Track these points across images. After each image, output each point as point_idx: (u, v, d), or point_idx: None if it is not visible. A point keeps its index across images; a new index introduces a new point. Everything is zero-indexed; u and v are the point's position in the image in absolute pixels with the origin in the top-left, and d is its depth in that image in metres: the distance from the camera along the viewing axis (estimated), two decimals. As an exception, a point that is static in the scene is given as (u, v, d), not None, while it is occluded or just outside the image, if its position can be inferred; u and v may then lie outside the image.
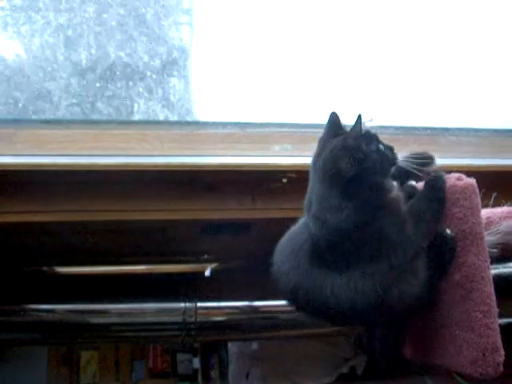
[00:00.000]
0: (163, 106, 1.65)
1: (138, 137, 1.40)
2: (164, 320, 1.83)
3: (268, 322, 1.91)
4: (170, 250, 2.08)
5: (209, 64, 1.76)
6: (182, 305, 1.79)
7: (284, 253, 1.06)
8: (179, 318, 1.77)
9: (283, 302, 1.13)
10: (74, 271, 2.04)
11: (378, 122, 1.36)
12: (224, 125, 1.40)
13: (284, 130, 1.41)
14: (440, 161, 1.11)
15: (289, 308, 1.14)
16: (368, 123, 1.39)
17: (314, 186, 1.02)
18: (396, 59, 1.76)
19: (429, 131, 1.50)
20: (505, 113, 1.74)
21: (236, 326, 1.91)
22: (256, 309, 1.91)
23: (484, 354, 0.97)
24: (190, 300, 1.79)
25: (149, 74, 1.67)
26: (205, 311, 1.82)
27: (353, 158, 0.95)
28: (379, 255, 0.96)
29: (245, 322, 1.90)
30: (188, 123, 1.53)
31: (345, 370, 2.13)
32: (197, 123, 1.53)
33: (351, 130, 1.01)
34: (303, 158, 1.33)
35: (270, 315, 1.90)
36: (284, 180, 1.31)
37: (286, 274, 1.03)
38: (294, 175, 1.30)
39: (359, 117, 1.00)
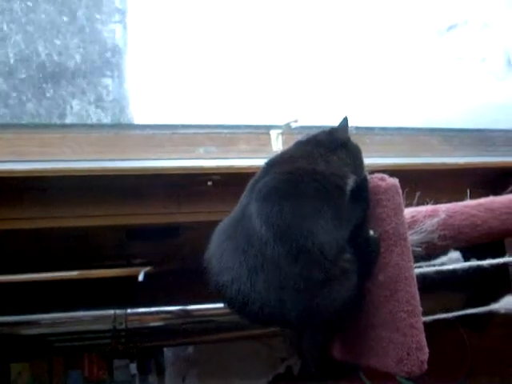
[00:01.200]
0: (97, 106, 1.61)
1: (58, 141, 1.34)
2: (94, 328, 1.79)
3: (203, 326, 1.89)
4: (101, 256, 2.02)
5: (144, 63, 1.73)
6: (112, 312, 1.75)
7: (221, 234, 1.02)
8: (109, 326, 1.73)
9: (218, 305, 1.10)
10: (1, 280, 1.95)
11: (303, 122, 1.36)
12: (144, 127, 1.36)
13: (209, 131, 1.37)
14: (366, 160, 1.11)
15: (224, 311, 1.10)
16: (292, 124, 1.39)
17: None
18: (320, 58, 1.77)
19: (354, 131, 1.50)
20: (428, 112, 1.78)
21: (170, 331, 1.87)
22: (190, 313, 1.88)
23: (409, 353, 0.97)
24: (120, 307, 1.75)
25: (81, 73, 1.62)
26: (136, 317, 1.79)
27: None
28: (312, 246, 0.93)
29: (179, 327, 1.87)
30: (110, 126, 1.47)
31: (281, 370, 2.13)
32: (119, 126, 1.48)
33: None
34: (228, 160, 1.32)
35: (205, 319, 1.88)
36: (209, 183, 1.29)
37: (220, 257, 0.98)
38: (219, 178, 1.28)
39: None
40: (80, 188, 1.32)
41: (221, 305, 1.04)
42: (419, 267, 1.15)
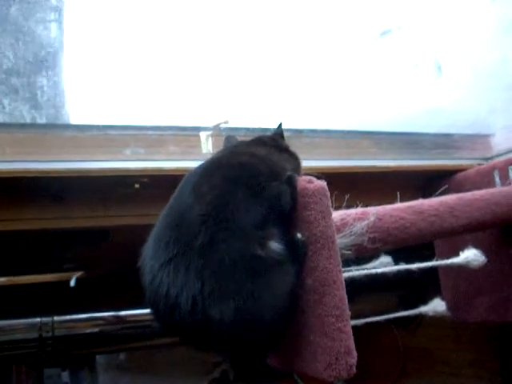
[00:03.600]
0: (31, 106, 1.54)
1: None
2: (20, 337, 1.71)
3: (137, 332, 1.84)
4: (31, 261, 1.95)
5: (80, 63, 1.68)
6: (38, 320, 1.68)
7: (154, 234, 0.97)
8: (35, 334, 1.66)
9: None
10: None
11: (232, 123, 1.34)
12: (68, 127, 1.30)
13: (136, 132, 1.33)
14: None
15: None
16: (222, 125, 1.37)
17: None
18: (254, 60, 1.77)
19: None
20: (361, 116, 1.80)
21: (102, 338, 1.82)
22: (123, 318, 1.83)
23: (337, 358, 0.96)
24: (47, 314, 1.69)
25: (14, 72, 1.55)
26: (64, 325, 1.72)
27: None
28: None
29: (111, 334, 1.82)
30: (32, 126, 1.41)
31: (216, 374, 2.12)
32: (43, 126, 1.42)
33: None
34: (156, 162, 1.28)
35: (138, 324, 1.83)
36: (137, 185, 1.25)
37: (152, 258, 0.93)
38: (146, 180, 1.24)
39: None
40: (2, 190, 1.25)
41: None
42: (349, 271, 1.15)
